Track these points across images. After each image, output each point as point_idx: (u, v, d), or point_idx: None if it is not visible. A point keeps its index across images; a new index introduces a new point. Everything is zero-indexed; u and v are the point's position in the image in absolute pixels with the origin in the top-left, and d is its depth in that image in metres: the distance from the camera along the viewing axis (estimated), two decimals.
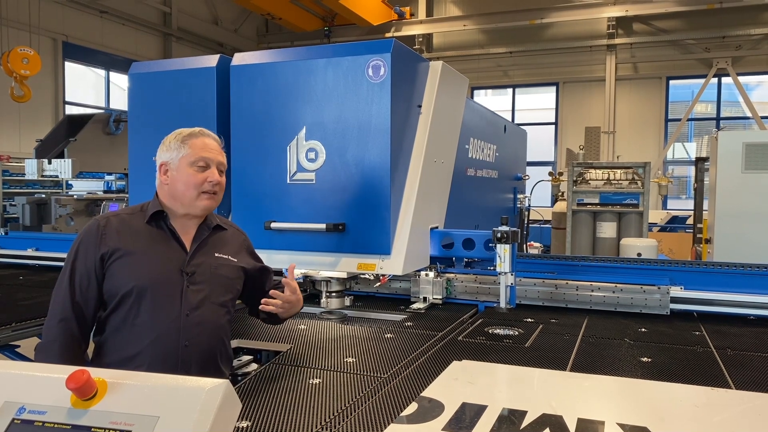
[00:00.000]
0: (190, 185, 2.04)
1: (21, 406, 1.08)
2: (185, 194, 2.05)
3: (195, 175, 2.04)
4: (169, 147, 2.06)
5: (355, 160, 2.77)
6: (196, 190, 2.04)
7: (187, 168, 2.04)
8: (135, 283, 1.94)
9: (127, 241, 1.99)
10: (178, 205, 2.07)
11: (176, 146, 2.06)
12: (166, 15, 15.44)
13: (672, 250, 9.41)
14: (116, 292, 1.95)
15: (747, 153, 5.54)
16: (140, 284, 1.94)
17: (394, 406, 1.81)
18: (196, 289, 2.02)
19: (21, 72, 9.83)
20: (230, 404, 1.08)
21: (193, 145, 2.07)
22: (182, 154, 2.05)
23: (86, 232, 2.01)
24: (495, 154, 4.61)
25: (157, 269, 1.99)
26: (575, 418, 1.66)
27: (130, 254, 1.97)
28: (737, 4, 13.47)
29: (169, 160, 2.06)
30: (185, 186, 2.04)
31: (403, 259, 2.74)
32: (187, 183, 2.04)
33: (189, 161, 2.05)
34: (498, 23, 15.59)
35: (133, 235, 2.01)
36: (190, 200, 2.05)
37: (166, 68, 3.19)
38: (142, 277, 1.96)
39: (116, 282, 1.95)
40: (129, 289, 1.94)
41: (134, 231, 2.02)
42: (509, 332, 2.71)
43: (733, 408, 1.77)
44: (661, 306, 3.01)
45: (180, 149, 2.05)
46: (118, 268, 1.95)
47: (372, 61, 2.72)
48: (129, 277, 1.95)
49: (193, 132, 2.10)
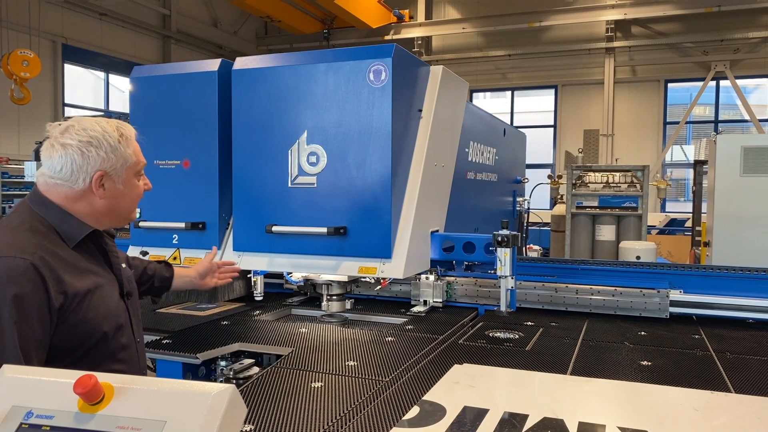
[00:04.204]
0: (135, 199, 1.72)
1: (28, 411, 1.09)
2: (128, 209, 1.71)
3: (138, 185, 1.72)
4: (109, 151, 1.60)
5: (356, 164, 2.78)
6: (137, 201, 1.73)
7: (133, 179, 1.68)
8: (103, 330, 1.58)
9: (74, 280, 1.53)
10: (107, 221, 1.69)
11: (119, 151, 1.62)
12: (165, 17, 15.45)
13: (670, 252, 9.43)
14: (78, 342, 1.54)
15: (745, 156, 5.56)
16: (104, 328, 1.59)
17: (396, 410, 1.82)
18: (133, 311, 1.76)
19: (21, 74, 9.84)
20: (236, 408, 1.09)
21: (136, 148, 1.70)
22: (129, 163, 1.65)
23: (16, 281, 1.42)
24: (494, 157, 4.62)
25: (113, 303, 1.66)
26: (576, 421, 1.68)
27: (84, 297, 1.54)
28: (735, 7, 13.51)
29: (111, 170, 1.61)
30: (131, 201, 1.70)
31: (404, 263, 2.75)
32: (132, 197, 1.70)
33: (135, 171, 1.69)
34: (497, 26, 15.63)
35: (71, 269, 1.55)
36: (126, 214, 1.73)
37: (167, 72, 3.20)
38: (105, 319, 1.59)
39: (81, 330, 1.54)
40: (97, 338, 1.57)
41: (69, 263, 1.55)
42: (510, 336, 2.72)
43: (732, 411, 1.79)
44: (660, 309, 3.02)
45: (125, 156, 1.64)
46: (76, 318, 1.52)
47: (373, 65, 2.73)
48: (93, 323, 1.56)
49: (128, 128, 1.70)
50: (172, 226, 3.08)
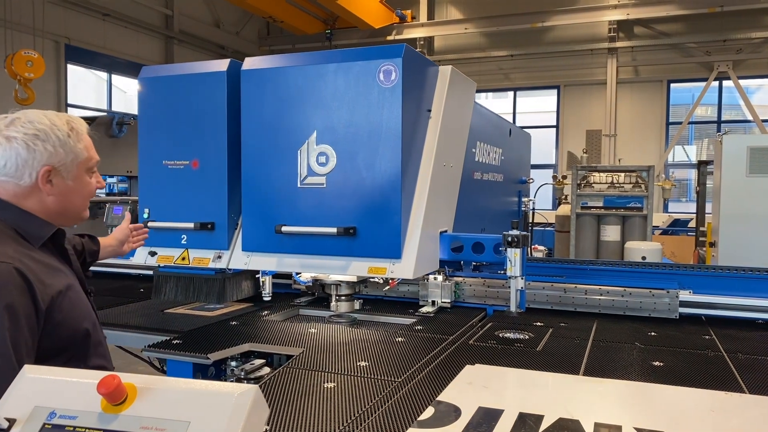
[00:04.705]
0: (87, 197, 1.66)
1: (52, 411, 1.08)
2: (79, 207, 1.65)
3: (90, 182, 1.66)
4: (57, 145, 1.53)
5: (365, 165, 2.77)
6: (89, 199, 1.68)
7: (84, 176, 1.62)
8: (84, 327, 1.56)
9: (52, 280, 1.50)
10: (60, 219, 1.63)
11: (69, 145, 1.55)
12: (168, 18, 15.45)
13: (674, 253, 9.42)
14: (67, 342, 1.52)
15: (751, 156, 5.56)
16: (85, 325, 1.56)
17: (410, 411, 1.82)
18: (96, 307, 1.73)
19: (25, 75, 9.83)
20: (259, 409, 1.09)
21: (88, 144, 1.63)
22: (80, 158, 1.59)
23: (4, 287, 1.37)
24: (500, 157, 4.61)
25: (85, 300, 1.62)
26: (592, 422, 1.67)
27: (63, 296, 1.51)
28: (738, 7, 13.49)
29: (59, 165, 1.54)
30: (82, 198, 1.64)
31: (413, 263, 2.74)
32: (83, 195, 1.64)
33: (87, 167, 1.63)
34: (499, 26, 15.62)
35: (47, 269, 1.52)
36: (80, 212, 1.67)
37: (176, 72, 3.19)
38: (84, 318, 1.57)
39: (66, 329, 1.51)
40: (81, 336, 1.55)
41: (43, 264, 1.52)
42: (520, 336, 2.72)
43: (748, 412, 1.78)
44: (670, 310, 3.02)
45: (75, 151, 1.57)
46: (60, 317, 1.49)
47: (383, 65, 2.73)
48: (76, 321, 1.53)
49: (80, 122, 1.64)
50: (180, 227, 3.08)
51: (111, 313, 3.13)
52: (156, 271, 3.21)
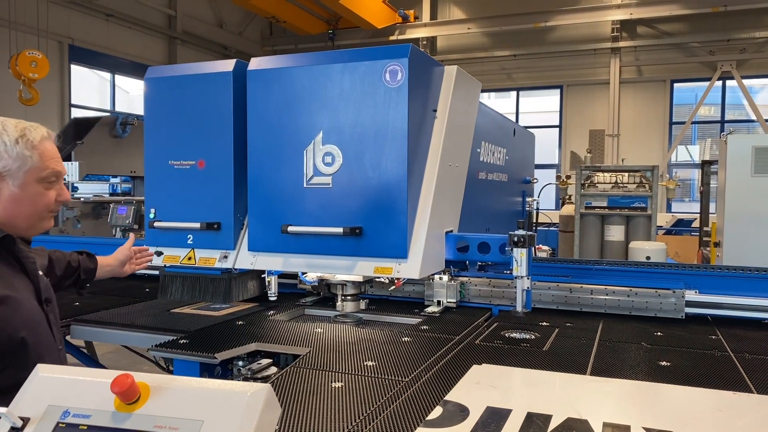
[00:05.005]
0: (41, 206, 1.65)
1: (65, 410, 1.09)
2: (31, 215, 1.65)
3: (45, 193, 1.65)
4: (1, 150, 1.56)
5: (372, 164, 2.78)
6: (46, 211, 1.67)
7: (35, 185, 1.62)
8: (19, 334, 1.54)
9: None
10: (9, 227, 1.63)
11: (19, 153, 1.57)
12: (171, 18, 15.49)
13: (678, 253, 9.41)
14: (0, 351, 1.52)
15: (756, 156, 5.55)
16: (21, 334, 1.55)
17: (418, 410, 1.82)
18: (53, 318, 1.73)
19: (29, 75, 9.86)
20: (272, 408, 1.09)
21: (44, 153, 1.63)
22: (30, 166, 1.59)
23: None
24: (505, 157, 4.61)
25: (30, 310, 1.61)
26: (601, 422, 1.67)
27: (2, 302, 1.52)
28: (742, 7, 13.48)
29: (4, 171, 1.56)
30: (33, 207, 1.63)
31: (420, 263, 2.75)
32: (35, 204, 1.63)
33: (39, 176, 1.62)
34: (502, 26, 15.63)
35: None
36: (32, 222, 1.66)
37: (182, 72, 3.20)
38: (22, 328, 1.55)
39: None
40: (15, 345, 1.53)
41: None
42: (526, 336, 2.72)
43: (757, 412, 1.78)
44: (676, 310, 3.02)
45: (25, 159, 1.58)
46: None
47: (389, 65, 2.73)
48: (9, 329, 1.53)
49: (37, 131, 1.65)
50: (186, 227, 3.08)
51: (117, 313, 3.14)
52: (162, 271, 3.22)
